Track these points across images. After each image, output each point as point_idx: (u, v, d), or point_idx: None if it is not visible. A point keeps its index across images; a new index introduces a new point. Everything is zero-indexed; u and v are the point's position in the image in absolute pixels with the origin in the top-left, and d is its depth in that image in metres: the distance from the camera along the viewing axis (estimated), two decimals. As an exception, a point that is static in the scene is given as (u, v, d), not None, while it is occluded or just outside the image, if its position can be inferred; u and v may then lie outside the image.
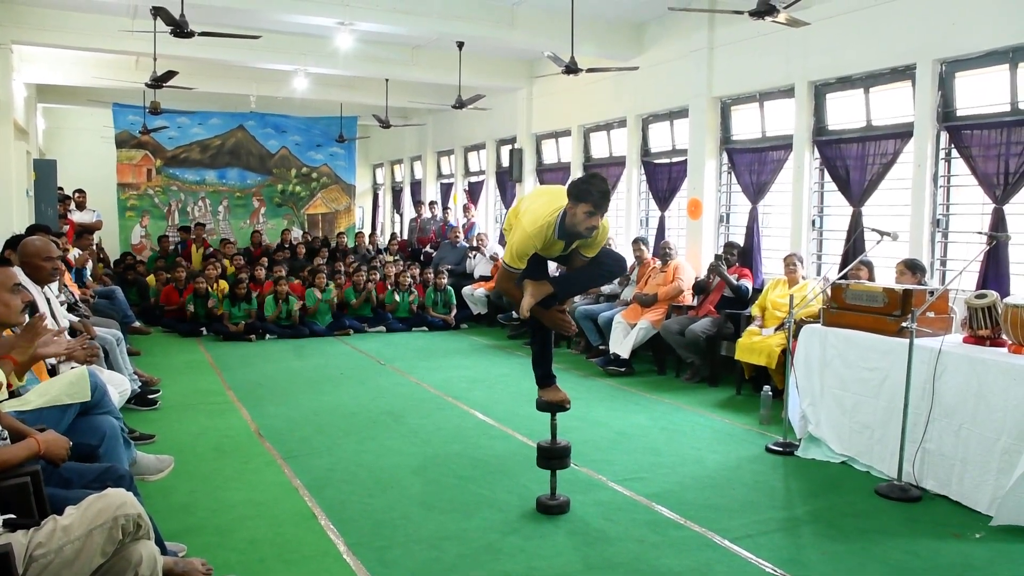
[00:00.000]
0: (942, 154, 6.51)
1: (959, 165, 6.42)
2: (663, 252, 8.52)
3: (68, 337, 4.35)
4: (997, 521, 4.12)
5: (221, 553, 3.69)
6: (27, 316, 3.69)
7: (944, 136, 6.48)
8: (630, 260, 8.95)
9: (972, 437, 4.38)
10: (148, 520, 2.66)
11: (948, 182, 6.57)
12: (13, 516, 2.56)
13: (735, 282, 7.69)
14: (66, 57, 11.70)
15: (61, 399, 3.65)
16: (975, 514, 4.28)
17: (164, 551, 3.12)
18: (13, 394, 3.62)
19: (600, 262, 4.22)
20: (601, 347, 8.68)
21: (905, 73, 6.74)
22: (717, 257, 7.94)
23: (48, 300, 5.01)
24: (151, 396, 6.45)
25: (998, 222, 5.99)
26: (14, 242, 5.69)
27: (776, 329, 6.63)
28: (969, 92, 6.36)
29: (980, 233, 5.89)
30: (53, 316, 4.93)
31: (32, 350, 3.58)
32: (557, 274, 4.46)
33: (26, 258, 4.84)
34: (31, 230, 6.55)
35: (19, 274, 4.55)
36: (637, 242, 9.12)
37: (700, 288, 8.18)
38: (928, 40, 6.44)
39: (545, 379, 4.39)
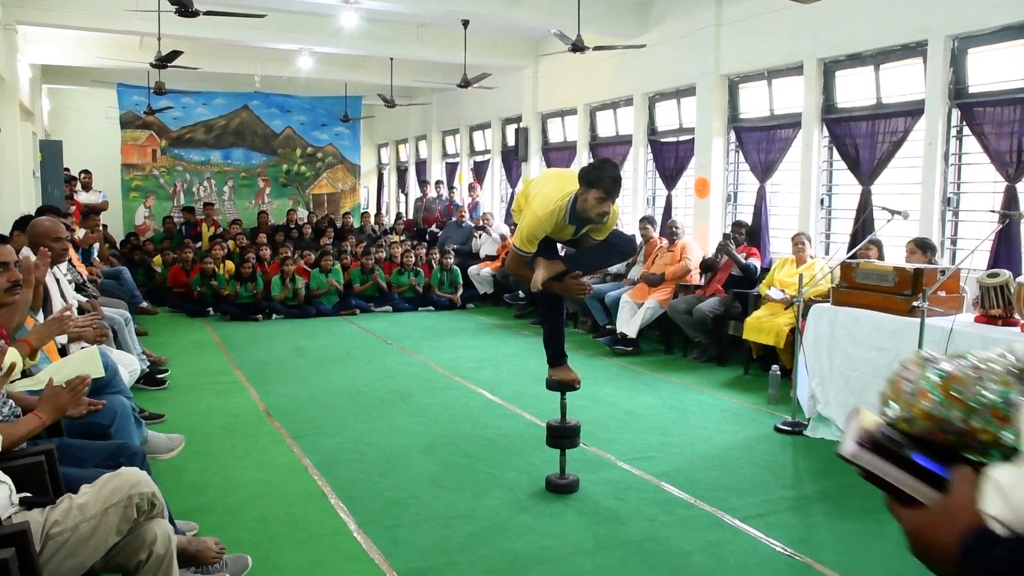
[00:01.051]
0: (953, 132, 6.44)
1: (971, 143, 6.36)
2: (670, 231, 8.49)
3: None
4: None
5: (232, 531, 3.70)
6: (17, 295, 3.71)
7: (956, 113, 6.41)
8: (637, 240, 8.91)
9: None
10: (162, 499, 2.67)
11: (959, 160, 6.50)
12: (29, 495, 2.57)
13: (743, 261, 7.66)
14: (71, 37, 11.64)
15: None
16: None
17: (175, 530, 3.12)
18: (25, 373, 3.61)
19: (610, 243, 4.22)
20: (608, 326, 8.66)
21: (916, 50, 6.66)
22: (725, 236, 7.91)
23: (57, 280, 5.01)
24: (160, 376, 6.46)
25: (1010, 200, 5.94)
26: (23, 223, 5.69)
27: (786, 308, 6.60)
28: (981, 68, 6.28)
29: (992, 212, 5.84)
30: (62, 296, 4.94)
31: (50, 337, 3.60)
32: (565, 253, 4.45)
33: (35, 238, 4.85)
34: (41, 211, 6.55)
35: (26, 253, 4.57)
36: (644, 222, 9.09)
37: (707, 267, 8.16)
38: (940, 16, 6.36)
39: (556, 358, 4.38)
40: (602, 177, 3.85)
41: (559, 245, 4.38)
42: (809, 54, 7.55)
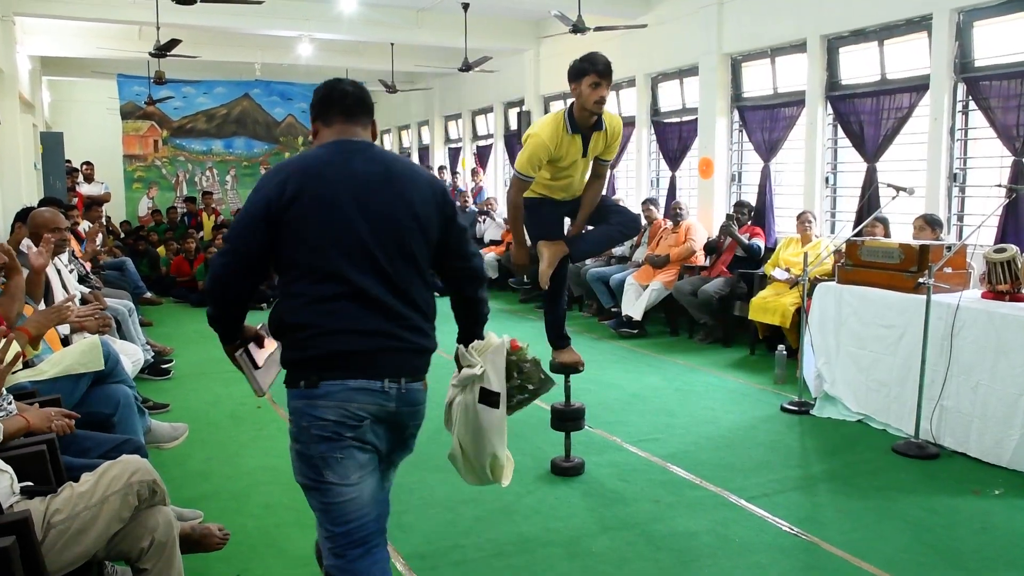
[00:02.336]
0: (959, 107, 6.38)
1: (977, 117, 6.30)
2: (674, 213, 8.44)
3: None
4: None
5: (237, 518, 3.71)
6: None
7: (961, 88, 6.34)
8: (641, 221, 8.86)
9: (991, 393, 4.35)
10: (163, 486, 2.67)
11: (965, 135, 6.45)
12: (31, 483, 2.58)
13: (747, 241, 7.61)
14: (69, 28, 11.59)
15: (75, 368, 3.69)
16: (994, 470, 4.26)
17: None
18: (27, 364, 3.64)
19: (613, 221, 4.20)
20: (613, 309, 8.62)
21: (921, 24, 6.58)
22: (728, 217, 7.86)
23: (59, 271, 5.00)
24: (164, 366, 6.46)
25: (1017, 175, 5.88)
26: (24, 215, 5.69)
27: (791, 287, 6.57)
28: (987, 42, 6.20)
29: (999, 186, 5.80)
30: (64, 286, 4.93)
31: (49, 326, 3.59)
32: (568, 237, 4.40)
33: (35, 229, 4.84)
34: (43, 203, 6.54)
35: (27, 244, 4.55)
36: (647, 203, 9.03)
37: (711, 248, 8.11)
38: (945, -12, 6.29)
39: (559, 341, 4.36)
40: (590, 60, 3.81)
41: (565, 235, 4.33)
42: (812, 31, 7.47)
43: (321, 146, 2.34)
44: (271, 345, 2.60)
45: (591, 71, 3.78)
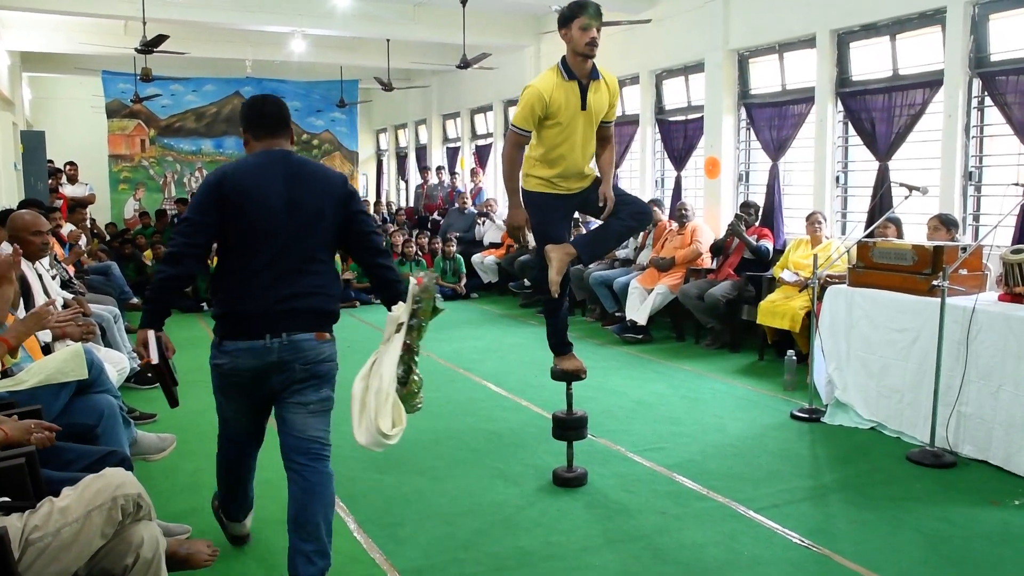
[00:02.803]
0: (974, 103, 6.29)
1: (993, 114, 6.20)
2: (680, 214, 8.34)
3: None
4: None
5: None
6: None
7: (977, 83, 6.25)
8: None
9: (1013, 399, 4.23)
10: (149, 500, 2.59)
11: (981, 132, 6.35)
12: (8, 499, 2.51)
13: (753, 243, 7.50)
14: (51, 22, 11.49)
15: (56, 377, 3.62)
16: (1013, 480, 4.17)
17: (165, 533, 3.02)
18: (6, 373, 3.56)
19: (622, 214, 4.05)
20: (617, 314, 8.54)
21: (934, 17, 6.49)
22: (736, 217, 7.74)
23: (40, 276, 4.88)
24: (151, 374, 6.30)
25: (1034, 173, 5.78)
26: (2, 218, 5.55)
27: (800, 290, 6.46)
28: (1004, 36, 6.11)
29: (1016, 185, 5.67)
30: (45, 292, 4.82)
31: (29, 334, 3.48)
32: (575, 239, 4.26)
33: (15, 232, 4.75)
34: (23, 205, 6.43)
35: (6, 248, 4.42)
36: (652, 203, 8.90)
37: (717, 249, 8.00)
38: (959, -19, 6.19)
39: (561, 347, 4.27)
40: (578, 3, 3.77)
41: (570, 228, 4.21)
42: (822, 25, 7.37)
43: (252, 154, 3.07)
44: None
45: (580, 13, 3.74)
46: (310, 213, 2.96)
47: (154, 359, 3.04)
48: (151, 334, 3.00)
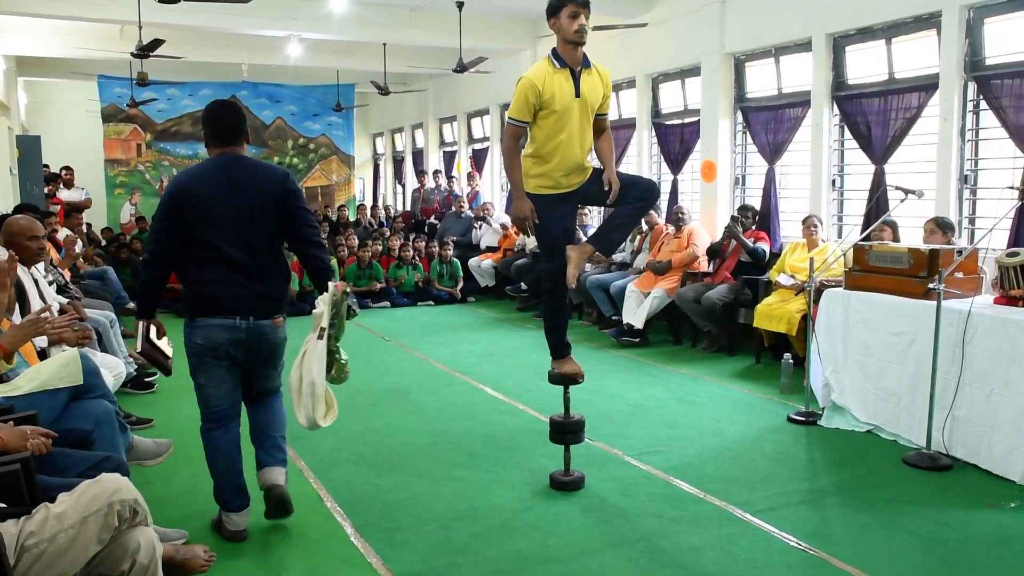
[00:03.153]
0: (970, 106, 6.31)
1: (988, 117, 6.22)
2: (676, 217, 8.34)
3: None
4: None
5: (224, 539, 3.63)
6: None
7: (972, 87, 6.27)
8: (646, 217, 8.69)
9: (1004, 403, 4.24)
10: (145, 506, 2.58)
11: (976, 135, 6.37)
12: (3, 505, 2.49)
13: (750, 245, 7.50)
14: (47, 27, 11.46)
15: (52, 383, 3.57)
16: (1009, 482, 4.16)
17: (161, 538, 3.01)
18: (2, 379, 3.53)
19: (630, 196, 4.03)
20: (613, 317, 8.53)
21: (929, 21, 6.51)
22: (733, 219, 7.75)
23: (36, 281, 4.86)
24: (148, 379, 6.33)
25: (1030, 176, 5.79)
26: None
27: (796, 293, 6.45)
28: (998, 39, 6.13)
29: (1011, 188, 5.71)
30: (41, 297, 4.80)
31: (25, 339, 3.46)
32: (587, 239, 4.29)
33: (10, 238, 4.71)
34: (18, 210, 6.40)
35: (1, 253, 4.40)
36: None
37: (713, 252, 8.00)
38: (953, -15, 6.20)
39: (559, 350, 4.25)
40: None
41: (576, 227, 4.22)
42: (818, 29, 7.39)
43: (205, 161, 3.65)
44: (164, 338, 3.84)
45: (568, 2, 3.81)
46: (253, 210, 3.49)
47: (138, 348, 3.82)
48: (141, 324, 3.75)
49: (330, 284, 3.49)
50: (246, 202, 3.48)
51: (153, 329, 3.77)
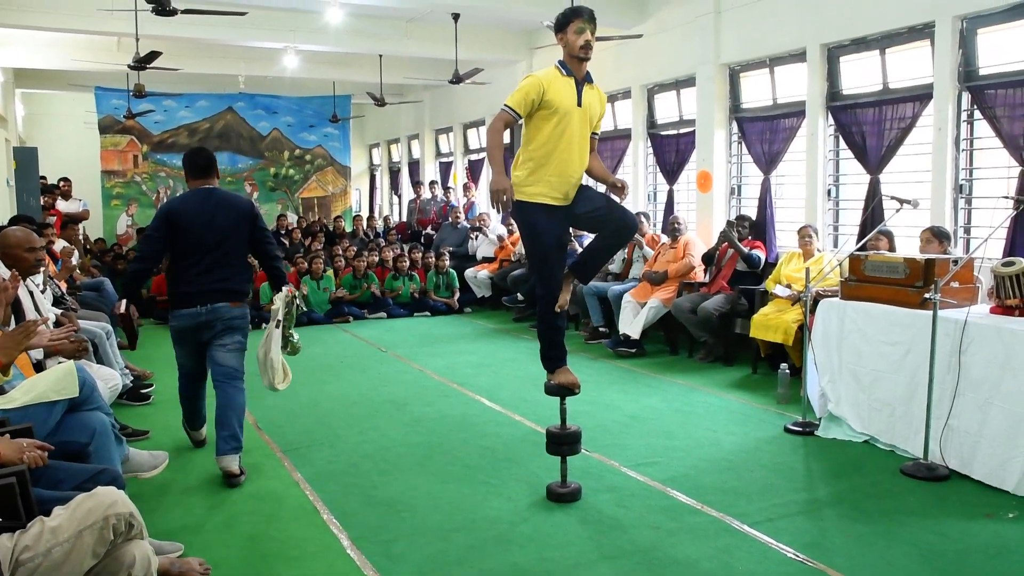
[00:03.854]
0: (964, 116, 6.32)
1: (982, 127, 6.23)
2: (672, 228, 8.33)
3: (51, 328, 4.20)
4: None
5: (220, 551, 3.61)
6: None
7: (966, 97, 6.28)
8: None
9: (999, 413, 4.22)
10: (141, 519, 2.59)
11: (971, 145, 6.38)
12: None
13: (745, 250, 7.50)
14: (44, 39, 11.49)
15: (48, 396, 3.56)
16: (1006, 493, 4.14)
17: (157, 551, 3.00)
18: None
19: (607, 231, 4.11)
20: (601, 328, 8.53)
21: (923, 32, 6.52)
22: (729, 224, 7.75)
23: (31, 293, 4.83)
24: (144, 391, 6.32)
25: (1024, 185, 5.80)
26: None
27: (792, 303, 6.45)
28: (992, 49, 6.15)
29: (1006, 198, 5.71)
30: (37, 309, 4.77)
31: (18, 349, 3.44)
32: (570, 265, 4.30)
33: (7, 249, 4.69)
34: (14, 221, 6.39)
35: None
36: (637, 216, 8.91)
37: (708, 258, 7.99)
38: (947, -5, 6.22)
39: (555, 362, 4.24)
40: (573, 9, 3.97)
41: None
42: (812, 39, 7.41)
43: (189, 191, 4.72)
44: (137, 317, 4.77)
45: (575, 19, 3.95)
46: (225, 230, 4.59)
47: (121, 309, 4.66)
48: (124, 302, 4.69)
49: (284, 287, 4.73)
50: (221, 224, 4.59)
51: (133, 308, 4.70)
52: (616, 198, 4.17)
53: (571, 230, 5.52)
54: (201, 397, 5.06)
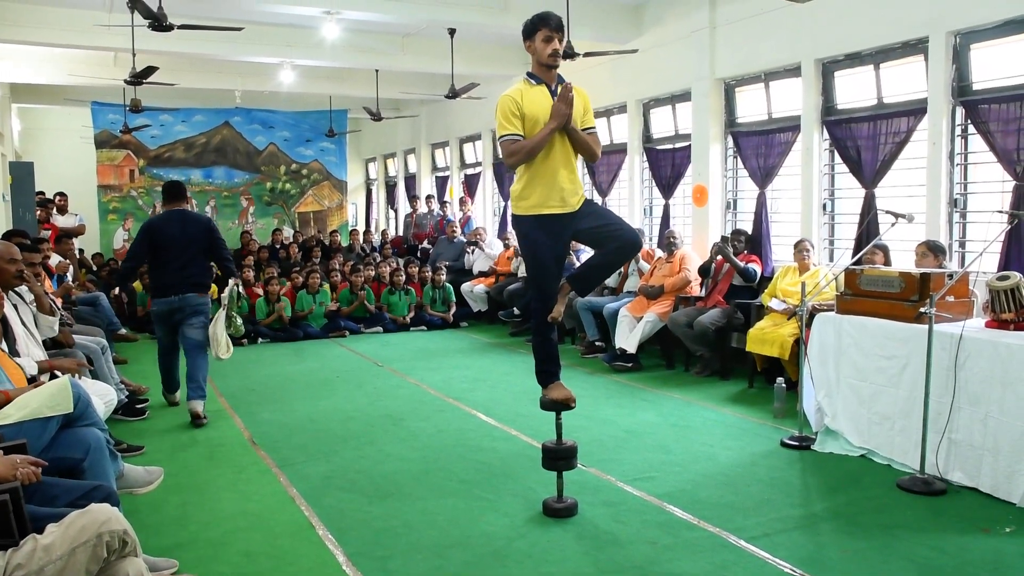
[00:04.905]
0: (958, 131, 6.32)
1: (976, 141, 6.23)
2: (668, 242, 8.34)
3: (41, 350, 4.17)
4: None
5: (215, 567, 3.60)
6: None
7: (960, 112, 6.29)
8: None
9: (1000, 426, 4.22)
10: (134, 536, 2.58)
11: (965, 160, 6.38)
12: None
13: (741, 264, 7.50)
14: (40, 54, 11.49)
15: (42, 411, 3.55)
16: (1004, 507, 4.14)
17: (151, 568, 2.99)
18: None
19: (610, 247, 4.10)
20: (597, 343, 8.53)
21: (917, 47, 6.54)
22: (723, 239, 7.75)
23: (15, 307, 4.80)
24: (139, 406, 6.32)
25: (1019, 200, 5.79)
26: None
27: (788, 317, 6.44)
28: (985, 64, 6.16)
29: (1000, 212, 5.70)
30: (22, 322, 4.73)
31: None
32: (568, 275, 4.29)
33: None
34: (7, 236, 6.37)
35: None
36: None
37: (704, 270, 7.99)
38: (941, 11, 6.23)
39: (548, 376, 4.23)
40: (541, 17, 3.95)
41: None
42: (807, 54, 7.43)
43: (164, 212, 6.44)
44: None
45: (542, 26, 3.94)
46: (191, 240, 6.23)
47: (115, 293, 6.59)
48: (117, 288, 6.58)
49: (230, 280, 6.48)
50: (188, 236, 6.24)
51: (124, 294, 6.64)
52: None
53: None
54: (175, 367, 6.57)
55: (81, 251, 11.54)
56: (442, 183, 15.59)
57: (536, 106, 3.95)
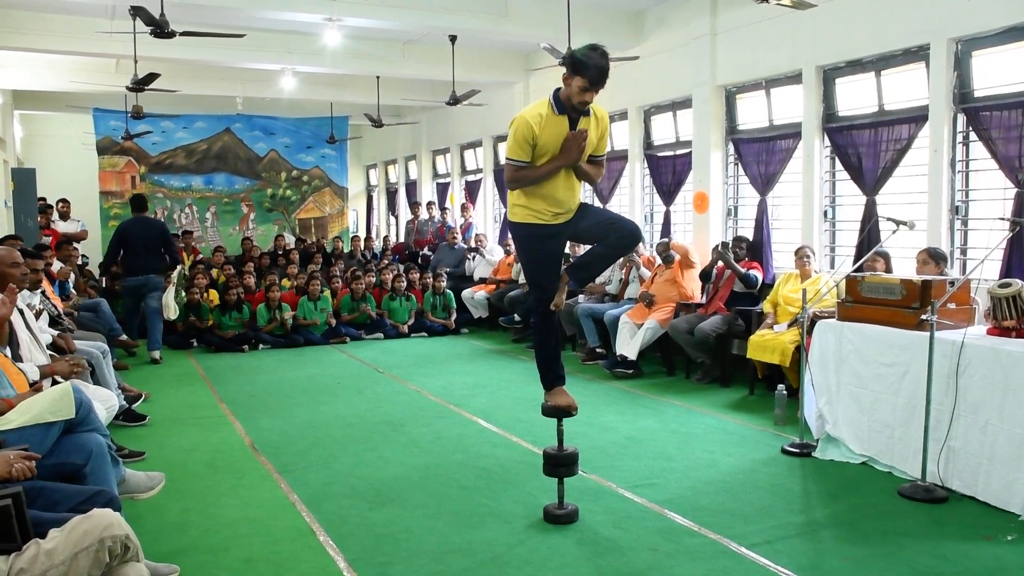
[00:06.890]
0: (959, 138, 6.32)
1: (978, 148, 6.23)
2: (664, 254, 8.35)
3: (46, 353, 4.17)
4: None
5: (216, 572, 3.60)
6: None
7: (961, 119, 6.29)
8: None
9: (1000, 434, 4.22)
10: (136, 541, 2.58)
11: (967, 167, 6.38)
12: None
13: (741, 270, 7.50)
14: (42, 61, 11.53)
15: (44, 417, 3.55)
16: (1006, 515, 4.13)
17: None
18: None
19: (612, 239, 4.11)
20: (598, 349, 8.53)
21: (918, 54, 6.55)
22: (723, 245, 7.75)
23: (21, 311, 4.79)
24: (140, 411, 6.27)
25: (1020, 207, 5.79)
26: None
27: (789, 325, 6.44)
28: (987, 72, 6.16)
29: (1002, 219, 5.70)
30: (27, 327, 4.73)
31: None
32: (567, 266, 4.31)
33: None
34: (2, 241, 6.37)
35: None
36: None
37: (704, 276, 7.99)
38: (942, 18, 6.24)
39: (552, 382, 4.24)
40: (588, 65, 3.75)
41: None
42: (808, 61, 7.44)
43: (131, 218, 9.40)
44: None
45: (584, 75, 3.77)
46: (152, 239, 9.01)
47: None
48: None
49: (177, 266, 9.48)
50: (149, 235, 8.95)
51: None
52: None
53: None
54: (135, 324, 9.28)
55: (85, 262, 11.53)
56: (443, 190, 15.60)
57: (551, 137, 3.89)
